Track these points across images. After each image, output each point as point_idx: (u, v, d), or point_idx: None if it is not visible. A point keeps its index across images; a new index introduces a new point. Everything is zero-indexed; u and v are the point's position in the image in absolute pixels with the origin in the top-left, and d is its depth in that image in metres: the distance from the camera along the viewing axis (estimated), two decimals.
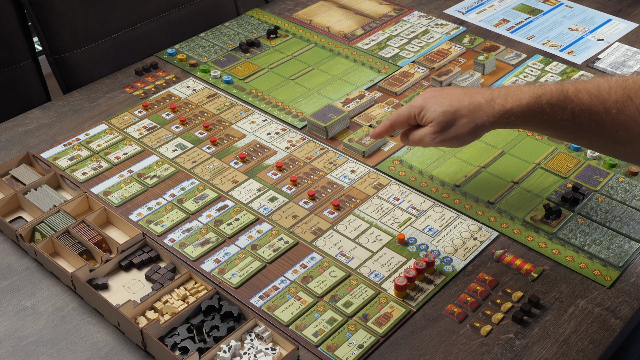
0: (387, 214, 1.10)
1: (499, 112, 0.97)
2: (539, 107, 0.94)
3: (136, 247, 1.03)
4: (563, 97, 0.93)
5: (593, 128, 0.92)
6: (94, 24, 1.52)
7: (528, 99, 0.95)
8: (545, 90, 0.95)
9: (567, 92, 0.93)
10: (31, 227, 1.04)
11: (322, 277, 1.00)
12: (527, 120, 0.96)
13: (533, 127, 0.99)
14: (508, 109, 0.96)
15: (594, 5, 1.65)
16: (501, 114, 0.97)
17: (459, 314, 0.95)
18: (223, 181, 1.16)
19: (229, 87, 1.38)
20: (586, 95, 0.92)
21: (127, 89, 1.39)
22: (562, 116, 0.93)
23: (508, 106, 0.96)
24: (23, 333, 0.94)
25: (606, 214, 1.09)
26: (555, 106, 0.94)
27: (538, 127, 0.98)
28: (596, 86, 0.92)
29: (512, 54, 1.46)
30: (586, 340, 0.92)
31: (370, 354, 0.90)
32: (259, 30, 1.56)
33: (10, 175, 1.16)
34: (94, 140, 1.25)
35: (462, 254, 1.03)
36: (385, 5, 1.66)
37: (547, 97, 0.94)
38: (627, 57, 1.45)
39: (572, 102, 0.93)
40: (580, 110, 0.92)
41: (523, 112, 0.96)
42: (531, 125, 0.97)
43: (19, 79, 1.48)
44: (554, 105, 0.94)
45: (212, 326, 0.92)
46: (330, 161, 1.20)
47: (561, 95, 0.94)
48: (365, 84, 1.39)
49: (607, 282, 0.99)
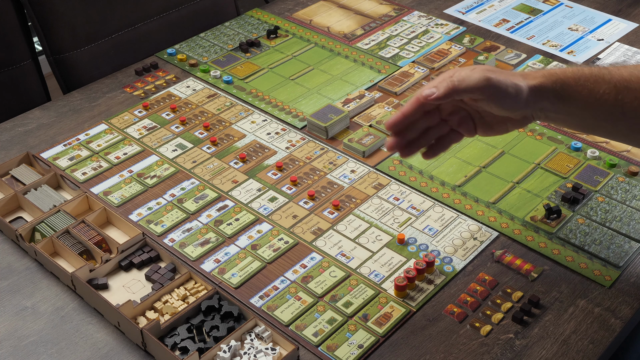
0: (387, 214, 1.10)
1: (542, 74, 0.91)
2: (581, 73, 0.91)
3: (136, 247, 1.03)
4: (603, 70, 0.91)
5: (636, 106, 0.88)
6: (94, 24, 1.52)
7: (570, 69, 0.91)
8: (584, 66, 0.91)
9: (606, 67, 0.90)
10: (31, 227, 1.04)
11: (322, 277, 1.00)
12: (569, 87, 0.90)
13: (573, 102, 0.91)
14: (552, 72, 0.91)
15: (594, 5, 1.65)
16: (546, 74, 0.91)
17: (459, 314, 0.95)
18: (223, 181, 1.16)
19: (229, 87, 1.38)
20: (624, 70, 0.90)
21: (127, 89, 1.39)
22: (604, 89, 0.89)
23: (552, 70, 0.91)
24: (23, 333, 0.94)
25: (606, 214, 1.09)
26: (597, 76, 0.90)
27: (577, 101, 0.91)
28: (633, 65, 0.89)
29: (512, 54, 1.46)
30: (586, 340, 0.92)
31: (370, 354, 0.90)
32: (259, 30, 1.56)
33: (10, 175, 1.16)
34: (94, 140, 1.25)
35: (462, 254, 1.03)
36: (385, 5, 1.66)
37: (587, 68, 0.92)
38: (627, 57, 1.45)
39: (611, 74, 0.90)
40: (622, 84, 0.89)
41: (566, 75, 0.91)
42: (572, 98, 0.91)
43: (19, 79, 1.48)
44: (596, 75, 0.90)
45: (212, 326, 0.92)
46: (330, 161, 1.20)
47: (601, 69, 0.91)
48: (365, 84, 1.39)
49: (607, 282, 0.99)
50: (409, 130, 0.93)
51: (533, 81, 0.91)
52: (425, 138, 0.95)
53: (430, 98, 0.88)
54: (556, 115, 0.94)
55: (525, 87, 0.90)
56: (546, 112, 0.93)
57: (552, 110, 0.93)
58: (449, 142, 0.97)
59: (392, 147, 0.94)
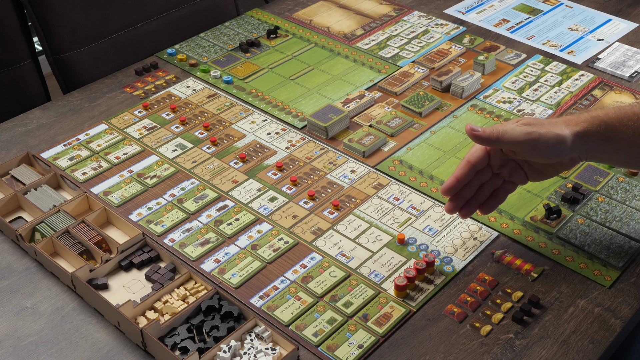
0: (387, 214, 1.10)
1: (585, 118, 0.93)
2: (623, 112, 0.93)
3: (136, 247, 1.03)
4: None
5: None
6: (94, 24, 1.52)
7: (612, 109, 0.93)
8: (624, 104, 0.93)
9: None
10: (31, 227, 1.04)
11: (322, 277, 1.00)
12: (613, 128, 0.92)
13: (618, 142, 0.93)
14: (595, 115, 0.93)
15: (594, 5, 1.65)
16: (589, 118, 0.93)
17: (459, 314, 0.95)
18: (223, 181, 1.16)
19: (229, 87, 1.38)
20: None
21: (127, 89, 1.39)
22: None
23: (594, 113, 0.93)
24: (23, 333, 0.94)
25: (606, 214, 1.09)
26: (638, 114, 0.92)
27: (622, 141, 0.93)
28: None
29: (512, 54, 1.46)
30: (586, 340, 0.92)
31: (370, 354, 0.90)
32: (259, 30, 1.56)
33: (10, 175, 1.16)
34: (94, 140, 1.25)
35: (462, 254, 1.03)
36: (385, 5, 1.66)
37: (629, 107, 0.93)
38: (627, 57, 1.45)
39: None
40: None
41: (609, 117, 0.92)
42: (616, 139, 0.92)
43: (19, 79, 1.48)
44: (638, 114, 0.92)
45: (212, 326, 0.92)
46: (330, 161, 1.20)
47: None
48: (365, 84, 1.39)
49: (607, 282, 0.99)
50: (465, 191, 0.97)
51: (577, 127, 0.92)
52: (481, 194, 0.98)
53: (474, 132, 0.91)
54: (603, 155, 0.96)
55: (569, 135, 0.92)
56: (593, 153, 0.95)
57: (599, 151, 0.95)
58: (504, 194, 1.00)
59: (451, 210, 0.98)
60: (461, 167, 0.95)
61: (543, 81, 1.38)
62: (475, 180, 0.97)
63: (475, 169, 0.96)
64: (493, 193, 0.99)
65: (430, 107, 1.30)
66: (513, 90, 1.36)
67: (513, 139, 0.91)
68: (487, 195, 0.98)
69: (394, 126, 1.26)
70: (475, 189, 0.98)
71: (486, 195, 0.98)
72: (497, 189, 0.99)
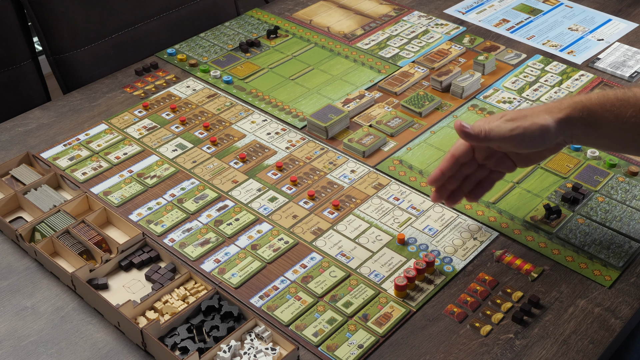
0: (387, 214, 1.10)
1: (568, 104, 0.94)
2: (606, 98, 0.93)
3: (136, 247, 1.03)
4: (628, 93, 0.93)
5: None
6: (94, 24, 1.52)
7: (595, 94, 0.94)
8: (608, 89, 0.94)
9: (630, 89, 0.93)
10: (31, 227, 1.04)
11: (322, 277, 1.00)
12: (595, 114, 0.93)
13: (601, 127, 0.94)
14: (577, 100, 0.94)
15: (594, 5, 1.65)
16: (572, 103, 0.94)
17: (459, 314, 0.95)
18: (223, 181, 1.16)
19: (229, 87, 1.38)
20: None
21: (127, 89, 1.39)
22: (630, 112, 0.92)
23: (577, 98, 0.94)
24: (23, 333, 0.94)
25: (606, 214, 1.09)
26: (622, 100, 0.93)
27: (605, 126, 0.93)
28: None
29: (512, 54, 1.46)
30: (586, 340, 0.92)
31: (370, 354, 0.90)
32: (259, 30, 1.56)
33: (10, 175, 1.16)
34: (94, 140, 1.25)
35: (462, 254, 1.03)
36: (385, 5, 1.66)
37: (612, 92, 0.94)
38: (627, 57, 1.45)
39: (636, 97, 0.92)
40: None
41: (592, 102, 0.93)
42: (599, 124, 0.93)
43: (19, 79, 1.48)
44: (621, 100, 0.93)
45: (212, 326, 0.92)
46: (330, 161, 1.20)
47: (626, 92, 0.93)
48: (365, 84, 1.39)
49: (607, 282, 0.99)
50: (449, 183, 1.00)
51: (559, 114, 0.93)
52: (467, 185, 1.01)
53: (463, 128, 0.94)
54: (587, 139, 0.97)
55: (552, 124, 0.93)
56: (578, 137, 0.96)
57: (583, 135, 0.96)
58: (490, 183, 1.02)
59: (436, 200, 1.02)
60: (446, 160, 0.99)
61: (543, 81, 1.38)
62: (459, 173, 1.00)
63: (460, 162, 0.99)
64: (480, 182, 1.01)
65: (430, 107, 1.30)
66: (513, 90, 1.36)
67: (499, 137, 0.93)
68: (473, 185, 1.01)
69: (394, 126, 1.26)
70: (460, 181, 1.00)
71: (472, 185, 1.01)
72: (484, 178, 1.01)
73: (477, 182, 1.01)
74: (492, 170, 1.01)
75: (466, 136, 0.94)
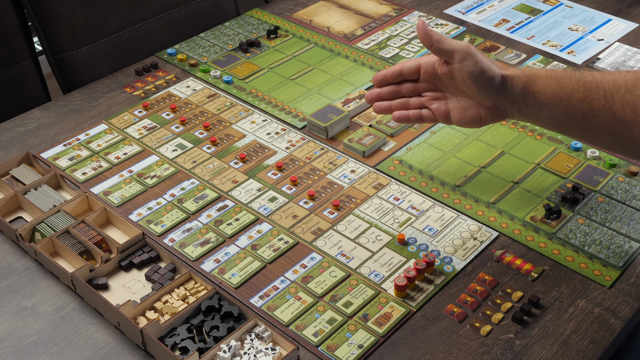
0: (387, 214, 1.10)
1: (516, 68, 0.99)
2: (553, 71, 0.96)
3: (136, 247, 1.03)
4: (575, 72, 0.96)
5: (603, 104, 0.92)
6: (94, 24, 1.52)
7: (544, 68, 0.97)
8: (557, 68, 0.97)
9: (579, 70, 0.96)
10: (31, 227, 1.04)
11: (322, 277, 1.00)
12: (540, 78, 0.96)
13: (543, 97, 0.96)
14: (526, 68, 0.99)
15: (594, 5, 1.65)
16: (519, 69, 0.98)
17: (459, 314, 0.95)
18: (223, 181, 1.16)
19: (229, 87, 1.38)
20: (597, 73, 0.95)
21: (127, 89, 1.39)
22: (573, 85, 0.94)
23: (526, 67, 0.98)
24: (23, 333, 0.94)
25: (606, 214, 1.09)
26: (568, 74, 0.95)
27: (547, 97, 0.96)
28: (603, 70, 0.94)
29: (512, 54, 1.46)
30: (586, 340, 0.92)
31: (370, 354, 0.90)
32: (259, 30, 1.56)
33: (10, 175, 1.16)
34: (94, 140, 1.25)
35: (462, 254, 1.03)
36: (385, 5, 1.66)
37: (561, 70, 0.97)
38: (627, 57, 1.45)
39: (582, 74, 0.95)
40: (592, 83, 0.94)
41: (539, 70, 0.97)
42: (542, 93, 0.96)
43: (19, 79, 1.48)
44: (568, 74, 0.95)
45: (212, 326, 0.92)
46: (330, 161, 1.20)
47: (574, 71, 0.97)
48: (365, 84, 1.39)
49: (607, 282, 0.99)
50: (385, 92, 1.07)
51: (506, 71, 0.98)
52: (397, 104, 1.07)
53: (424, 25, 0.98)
54: (527, 109, 0.99)
55: (498, 73, 0.97)
56: (518, 105, 0.98)
57: (523, 104, 0.98)
58: (417, 116, 1.06)
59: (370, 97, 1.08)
60: (393, 68, 1.05)
61: None
62: (396, 89, 1.06)
63: (403, 76, 1.05)
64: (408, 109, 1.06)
65: None
66: None
67: (449, 46, 0.98)
68: (401, 107, 1.06)
69: (394, 126, 1.26)
70: (393, 95, 1.06)
71: (400, 106, 1.06)
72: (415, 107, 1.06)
73: (406, 106, 1.06)
74: (424, 106, 1.05)
75: (423, 33, 0.98)
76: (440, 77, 1.02)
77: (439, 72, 1.01)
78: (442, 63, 1.00)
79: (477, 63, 0.97)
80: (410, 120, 1.06)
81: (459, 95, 1.02)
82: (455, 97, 1.03)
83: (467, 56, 0.97)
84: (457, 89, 1.01)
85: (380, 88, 1.07)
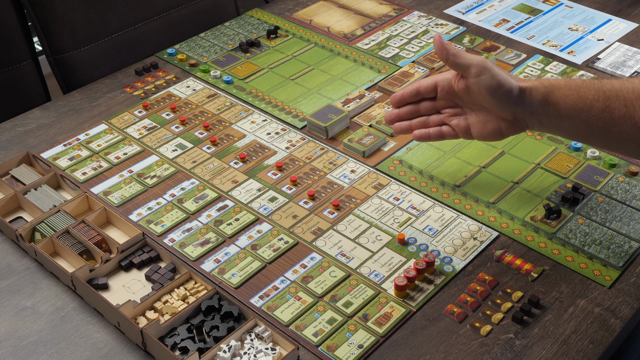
0: (387, 214, 1.10)
1: (534, 80, 0.98)
2: (572, 81, 0.96)
3: (136, 247, 1.03)
4: (594, 80, 0.96)
5: (624, 113, 0.91)
6: (94, 24, 1.52)
7: (562, 78, 0.97)
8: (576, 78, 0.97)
9: (598, 78, 0.95)
10: (31, 227, 1.04)
11: (322, 277, 1.00)
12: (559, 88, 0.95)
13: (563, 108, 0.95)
14: (544, 79, 0.96)
15: (594, 5, 1.65)
16: (537, 80, 0.98)
17: (459, 314, 0.95)
18: (223, 181, 1.16)
19: (229, 87, 1.38)
20: (615, 81, 0.94)
21: (127, 89, 1.39)
22: (593, 95, 0.93)
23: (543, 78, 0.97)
24: (23, 333, 0.94)
25: (606, 214, 1.09)
26: (587, 83, 0.95)
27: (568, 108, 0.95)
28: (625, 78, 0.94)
29: (512, 54, 1.46)
30: (586, 340, 0.92)
31: (370, 354, 0.90)
32: (259, 30, 1.56)
33: (10, 175, 1.16)
34: (94, 140, 1.25)
35: (462, 254, 1.03)
36: (385, 5, 1.66)
37: (579, 79, 0.96)
38: (627, 57, 1.45)
39: (602, 83, 0.94)
40: (612, 92, 0.93)
41: (557, 80, 0.96)
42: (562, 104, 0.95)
43: (19, 79, 1.48)
44: (587, 83, 0.94)
45: (212, 326, 0.92)
46: (330, 161, 1.20)
47: (593, 80, 0.96)
48: (365, 84, 1.39)
49: (607, 282, 0.99)
50: (404, 112, 1.07)
51: (524, 83, 0.97)
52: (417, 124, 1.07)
53: (441, 39, 0.98)
54: (547, 120, 0.97)
55: (516, 86, 0.96)
56: (538, 116, 0.97)
57: (543, 115, 0.97)
58: (437, 134, 1.06)
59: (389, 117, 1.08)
60: (410, 87, 1.05)
61: None
62: (416, 108, 1.06)
63: (421, 94, 1.05)
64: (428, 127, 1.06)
65: None
66: None
67: (464, 61, 0.97)
68: (421, 126, 1.06)
69: None
70: (412, 114, 1.07)
71: (420, 125, 1.07)
72: (434, 125, 1.06)
73: (425, 125, 1.06)
74: (444, 123, 1.05)
75: (440, 47, 0.98)
76: (458, 93, 1.01)
77: (455, 89, 1.01)
78: (458, 79, 1.00)
79: (493, 77, 0.96)
80: (432, 138, 1.06)
81: (477, 110, 1.02)
82: (474, 111, 1.02)
83: (483, 70, 0.96)
84: (475, 104, 1.01)
85: (399, 108, 1.07)
